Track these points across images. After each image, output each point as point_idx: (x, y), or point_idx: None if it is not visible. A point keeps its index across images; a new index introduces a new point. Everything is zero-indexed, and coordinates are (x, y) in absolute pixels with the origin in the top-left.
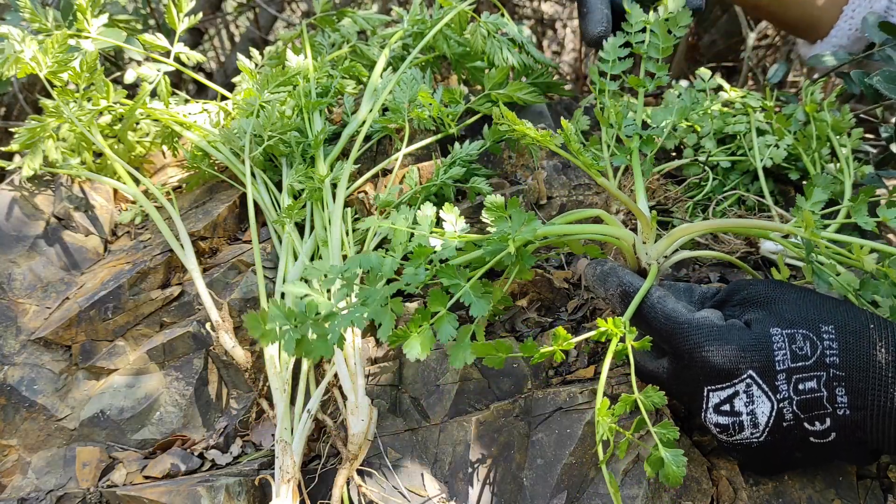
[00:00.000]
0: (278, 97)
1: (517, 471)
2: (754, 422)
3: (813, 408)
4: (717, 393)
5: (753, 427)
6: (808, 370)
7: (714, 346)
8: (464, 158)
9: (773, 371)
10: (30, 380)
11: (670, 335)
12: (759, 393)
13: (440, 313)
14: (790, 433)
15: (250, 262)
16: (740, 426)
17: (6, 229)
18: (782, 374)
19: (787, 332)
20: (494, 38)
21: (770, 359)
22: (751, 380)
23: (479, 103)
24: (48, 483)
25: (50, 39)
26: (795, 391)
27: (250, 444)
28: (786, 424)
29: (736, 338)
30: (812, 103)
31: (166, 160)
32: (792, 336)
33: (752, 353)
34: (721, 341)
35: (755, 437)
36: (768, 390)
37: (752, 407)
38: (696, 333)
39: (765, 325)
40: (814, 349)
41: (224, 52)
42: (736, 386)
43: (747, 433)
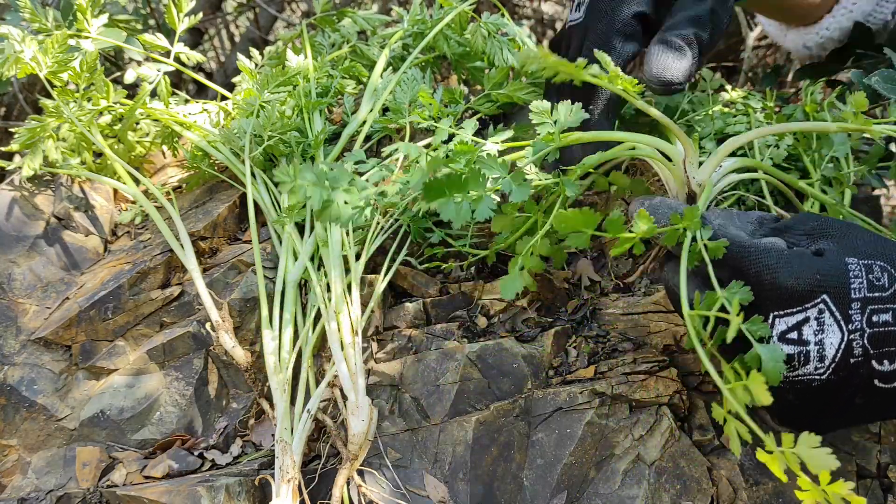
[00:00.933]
0: (278, 97)
1: (517, 471)
2: (821, 354)
3: (884, 343)
4: (786, 319)
5: (819, 360)
6: (885, 301)
7: (786, 268)
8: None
9: (847, 298)
10: (30, 380)
11: (735, 259)
12: (830, 321)
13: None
14: (856, 371)
15: (250, 262)
16: (806, 357)
17: (6, 229)
18: (857, 302)
19: (863, 262)
20: (494, 39)
21: (846, 285)
22: (824, 305)
23: (480, 103)
24: (48, 483)
25: (50, 39)
26: (869, 323)
27: (250, 444)
28: (853, 361)
29: (808, 262)
30: (812, 103)
31: (166, 160)
32: (869, 266)
33: (828, 278)
34: (793, 264)
35: (818, 372)
36: (841, 318)
37: (822, 336)
38: (765, 256)
39: (840, 255)
40: (892, 281)
41: (224, 52)
42: (808, 311)
43: (812, 366)
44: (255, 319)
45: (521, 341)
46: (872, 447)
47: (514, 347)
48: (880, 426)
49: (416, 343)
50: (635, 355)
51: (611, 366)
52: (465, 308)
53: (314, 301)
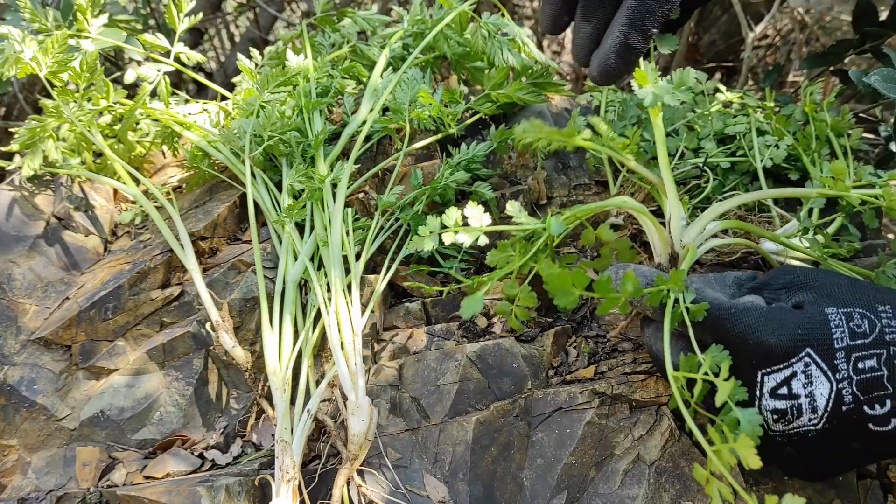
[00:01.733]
0: (278, 97)
1: (517, 471)
2: (813, 405)
3: (873, 388)
4: (773, 376)
5: (812, 412)
6: (868, 348)
7: (768, 325)
8: (469, 160)
9: (831, 349)
10: (30, 380)
11: (716, 321)
12: (817, 372)
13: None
14: (849, 419)
15: (250, 262)
16: (799, 410)
17: (6, 229)
18: (841, 352)
19: (843, 310)
20: (495, 39)
21: (828, 336)
22: (809, 358)
23: (479, 103)
24: (48, 483)
25: (50, 39)
26: (855, 370)
27: (250, 444)
28: (845, 409)
29: (789, 317)
30: (811, 103)
31: (166, 160)
32: (849, 314)
33: (809, 330)
34: (774, 320)
35: (813, 423)
36: (827, 369)
37: (811, 388)
38: (746, 315)
39: (819, 305)
40: (872, 327)
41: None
42: (794, 366)
43: (805, 419)
44: (255, 319)
45: (521, 341)
46: None
47: (514, 347)
48: None
49: (416, 343)
50: (635, 355)
51: (611, 366)
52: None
53: (314, 301)
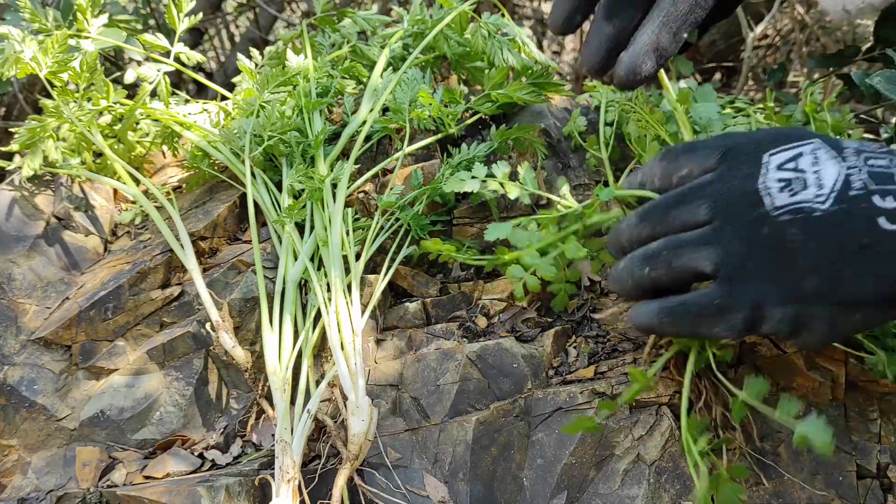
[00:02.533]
0: (278, 97)
1: (517, 471)
2: (819, 182)
3: (885, 181)
4: (780, 154)
5: (818, 187)
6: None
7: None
8: (469, 160)
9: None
10: (30, 380)
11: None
12: (825, 157)
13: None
14: (858, 206)
15: (250, 262)
16: (804, 183)
17: (6, 229)
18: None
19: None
20: (494, 39)
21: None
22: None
23: (479, 103)
24: (48, 483)
25: (50, 39)
26: (866, 163)
27: (250, 444)
28: (853, 194)
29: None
30: (812, 104)
31: (166, 160)
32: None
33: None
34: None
35: (819, 201)
36: (836, 155)
37: (818, 168)
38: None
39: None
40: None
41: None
42: (801, 147)
43: (812, 192)
44: (255, 319)
45: (521, 341)
46: (872, 447)
47: (514, 347)
48: (880, 426)
49: (416, 343)
50: (635, 355)
51: (611, 366)
52: (465, 308)
53: (314, 301)
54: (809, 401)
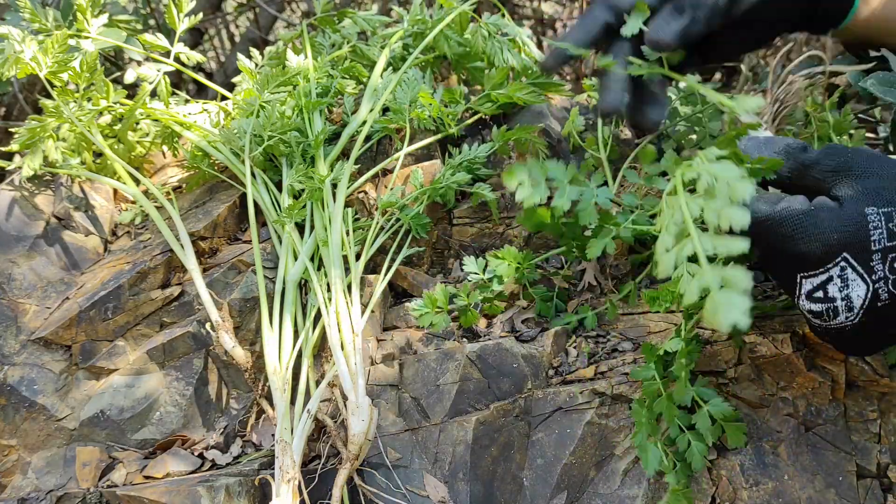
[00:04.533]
0: (278, 97)
1: (517, 471)
2: (849, 306)
3: None
4: (810, 280)
5: (848, 311)
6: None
7: (804, 234)
8: (471, 160)
9: (868, 251)
10: (30, 380)
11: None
12: (853, 276)
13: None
14: (885, 311)
15: (250, 262)
16: (835, 312)
17: (6, 229)
18: (877, 253)
19: (883, 210)
20: (495, 39)
21: (865, 239)
22: (845, 262)
23: (480, 103)
24: (48, 483)
25: (50, 39)
26: (891, 270)
27: (250, 444)
28: (881, 304)
29: (826, 222)
30: (813, 104)
31: (166, 160)
32: (889, 214)
33: (846, 235)
34: (811, 227)
35: (850, 320)
36: (863, 272)
37: (847, 291)
38: (783, 226)
39: (859, 204)
40: None
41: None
42: (830, 271)
43: (843, 317)
44: (255, 319)
45: (521, 341)
46: (872, 447)
47: (514, 347)
48: (880, 426)
49: (416, 343)
50: (635, 355)
51: (611, 366)
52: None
53: (314, 301)
54: (809, 401)
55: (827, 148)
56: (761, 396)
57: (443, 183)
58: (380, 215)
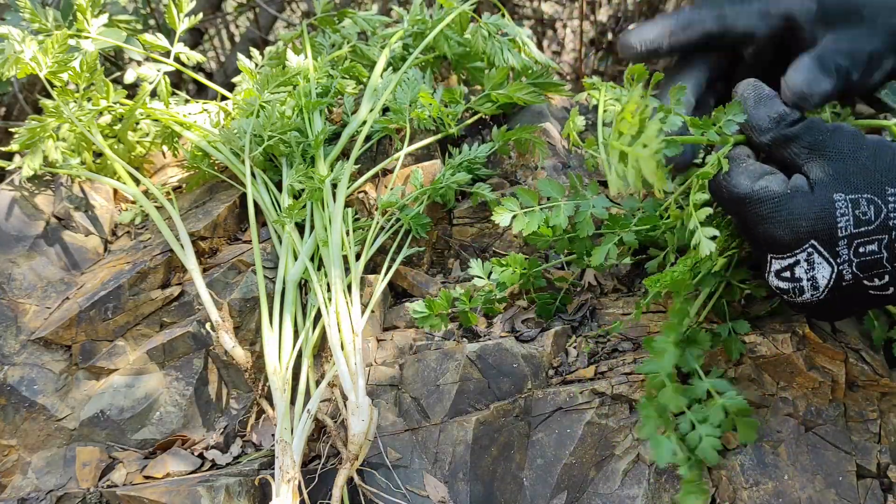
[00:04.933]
0: (278, 97)
1: (517, 471)
2: (814, 285)
3: (872, 268)
4: (779, 261)
5: (813, 290)
6: (871, 234)
7: (775, 219)
8: (471, 160)
9: (834, 238)
10: (30, 380)
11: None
12: (819, 260)
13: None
14: (849, 290)
15: (250, 262)
16: (800, 290)
17: (6, 229)
18: (843, 240)
19: (850, 197)
20: (495, 39)
21: (833, 226)
22: (812, 248)
23: (480, 103)
24: (48, 483)
25: (50, 39)
26: (856, 254)
27: (250, 444)
28: (845, 284)
29: (797, 208)
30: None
31: (166, 160)
32: (856, 201)
33: (814, 223)
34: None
35: (815, 297)
36: (829, 256)
37: (813, 273)
38: (760, 206)
39: (828, 190)
40: (878, 213)
41: (224, 52)
42: (797, 255)
43: (807, 296)
44: (255, 319)
45: (521, 341)
46: (872, 447)
47: (514, 347)
48: (880, 426)
49: (416, 343)
50: (635, 355)
51: (611, 366)
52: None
53: (314, 301)
54: (809, 401)
55: (809, 122)
56: (761, 396)
57: (443, 183)
58: (380, 215)
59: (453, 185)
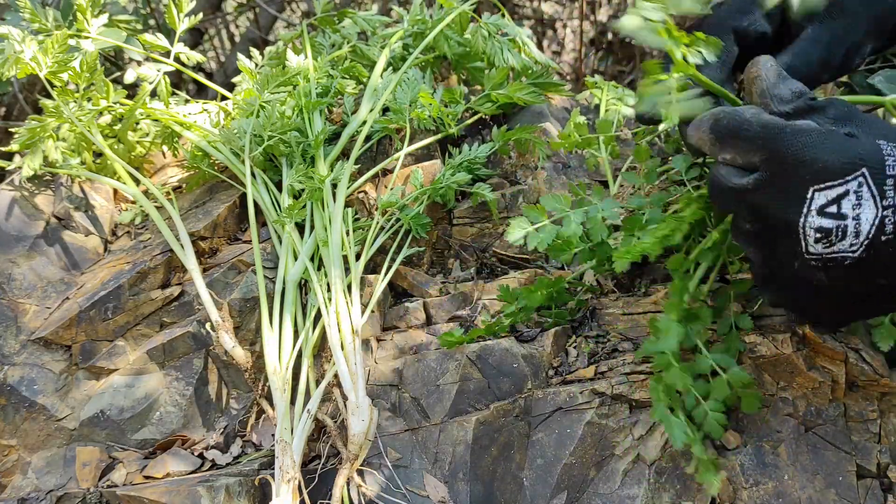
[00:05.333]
0: (278, 97)
1: (517, 471)
2: (857, 229)
3: None
4: (826, 192)
5: (855, 236)
6: None
7: (826, 144)
8: (471, 160)
9: (883, 175)
10: (30, 380)
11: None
12: (867, 195)
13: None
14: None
15: (250, 262)
16: (844, 232)
17: (6, 229)
18: (891, 179)
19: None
20: (495, 40)
21: (882, 162)
22: (863, 178)
23: (480, 103)
24: (48, 483)
25: (50, 40)
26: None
27: (250, 444)
28: (884, 238)
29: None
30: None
31: (166, 160)
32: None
33: (865, 154)
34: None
35: (852, 249)
36: (877, 193)
37: (859, 211)
38: (803, 136)
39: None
40: None
41: (224, 52)
42: (848, 184)
43: (848, 242)
44: (255, 319)
45: (521, 341)
46: (872, 447)
47: (514, 347)
48: (880, 426)
49: (416, 343)
50: (635, 355)
51: (611, 366)
52: (466, 308)
53: (314, 301)
54: (809, 401)
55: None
56: (761, 396)
57: (443, 183)
58: (380, 215)
59: (453, 185)
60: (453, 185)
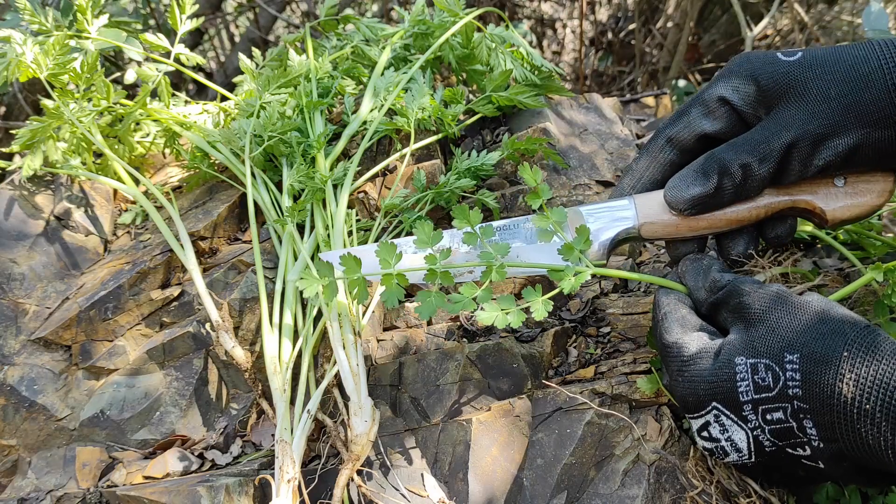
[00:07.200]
0: (279, 98)
1: (517, 471)
2: (736, 447)
3: (787, 437)
4: (694, 420)
5: (737, 452)
6: (773, 401)
7: (681, 378)
8: (478, 167)
9: (738, 402)
10: (30, 380)
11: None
12: (729, 423)
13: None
14: (779, 455)
15: (250, 262)
16: (724, 451)
17: (6, 229)
18: (748, 404)
19: (750, 361)
20: (499, 51)
21: (734, 391)
22: (717, 411)
23: (480, 104)
24: (48, 483)
25: (50, 42)
26: (765, 420)
27: (250, 444)
28: (769, 449)
29: (699, 371)
30: None
31: (166, 160)
32: (755, 366)
33: (714, 387)
34: (685, 374)
35: (745, 459)
36: (737, 420)
37: (728, 434)
38: (673, 362)
39: (732, 355)
40: (776, 381)
41: (224, 52)
42: (705, 417)
43: (734, 457)
44: (255, 319)
45: (521, 341)
46: None
47: (514, 347)
48: None
49: (416, 343)
50: (635, 355)
51: (611, 366)
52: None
53: (314, 301)
54: None
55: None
56: None
57: (447, 188)
58: (381, 216)
59: (457, 190)
60: (457, 191)
